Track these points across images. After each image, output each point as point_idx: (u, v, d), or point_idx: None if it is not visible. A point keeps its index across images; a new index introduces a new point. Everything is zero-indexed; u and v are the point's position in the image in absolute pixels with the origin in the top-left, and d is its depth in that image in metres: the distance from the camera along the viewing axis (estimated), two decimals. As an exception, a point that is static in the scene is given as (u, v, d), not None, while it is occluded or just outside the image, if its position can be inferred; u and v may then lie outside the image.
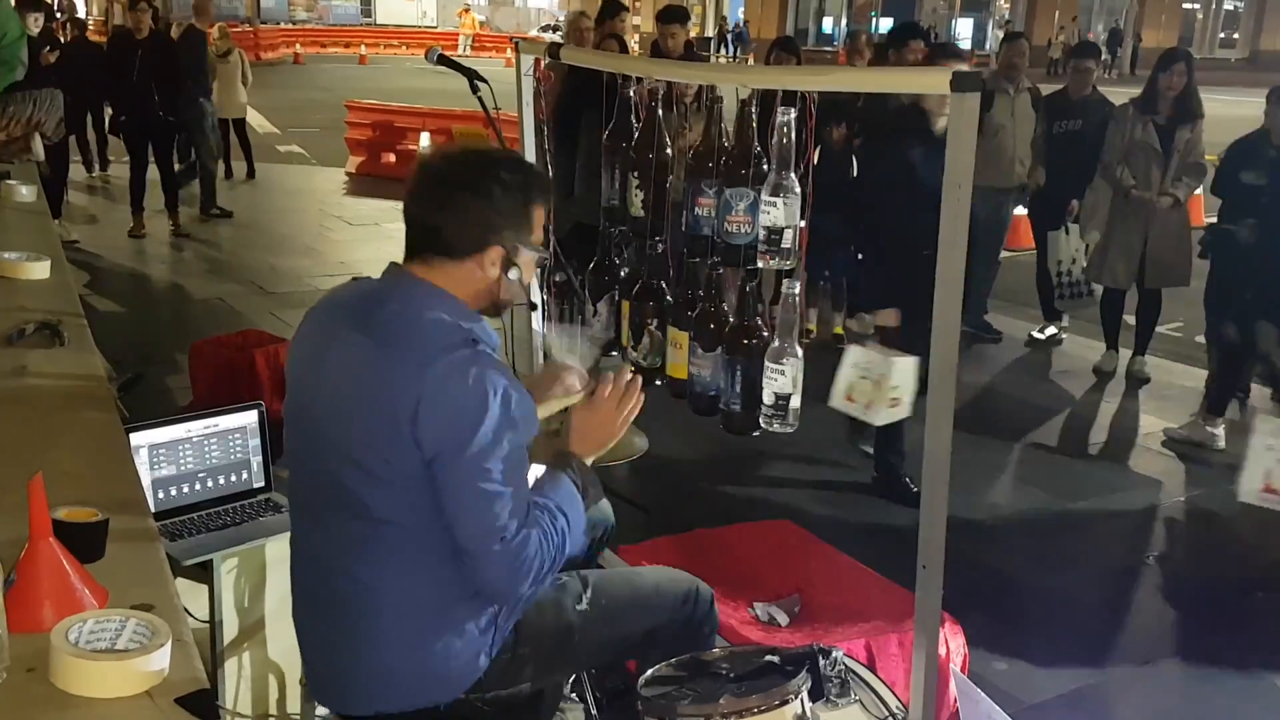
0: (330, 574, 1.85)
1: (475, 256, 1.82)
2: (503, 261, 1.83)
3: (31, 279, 3.09)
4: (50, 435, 2.12)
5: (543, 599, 1.96)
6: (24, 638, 1.40)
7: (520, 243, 1.85)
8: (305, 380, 1.87)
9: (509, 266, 1.84)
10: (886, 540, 3.84)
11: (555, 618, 1.96)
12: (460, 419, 1.69)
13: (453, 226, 1.81)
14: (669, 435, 4.02)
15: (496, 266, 1.83)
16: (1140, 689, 3.24)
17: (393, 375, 1.72)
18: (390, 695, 1.84)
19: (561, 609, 1.98)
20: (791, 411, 2.24)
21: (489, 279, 1.84)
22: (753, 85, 2.20)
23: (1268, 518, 4.39)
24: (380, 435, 1.72)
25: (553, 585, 1.98)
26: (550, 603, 1.97)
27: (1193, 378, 5.85)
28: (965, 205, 1.81)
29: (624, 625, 2.04)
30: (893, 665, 2.60)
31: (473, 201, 1.81)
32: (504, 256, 1.83)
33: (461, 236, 1.81)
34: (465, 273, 1.82)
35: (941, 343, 1.90)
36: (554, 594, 1.98)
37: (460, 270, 1.82)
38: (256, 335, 4.73)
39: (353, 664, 1.86)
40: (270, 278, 7.61)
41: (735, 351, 2.29)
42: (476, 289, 1.84)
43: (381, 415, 1.72)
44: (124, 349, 5.40)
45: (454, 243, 1.81)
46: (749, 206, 2.19)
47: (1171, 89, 5.50)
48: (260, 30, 31.62)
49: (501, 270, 1.84)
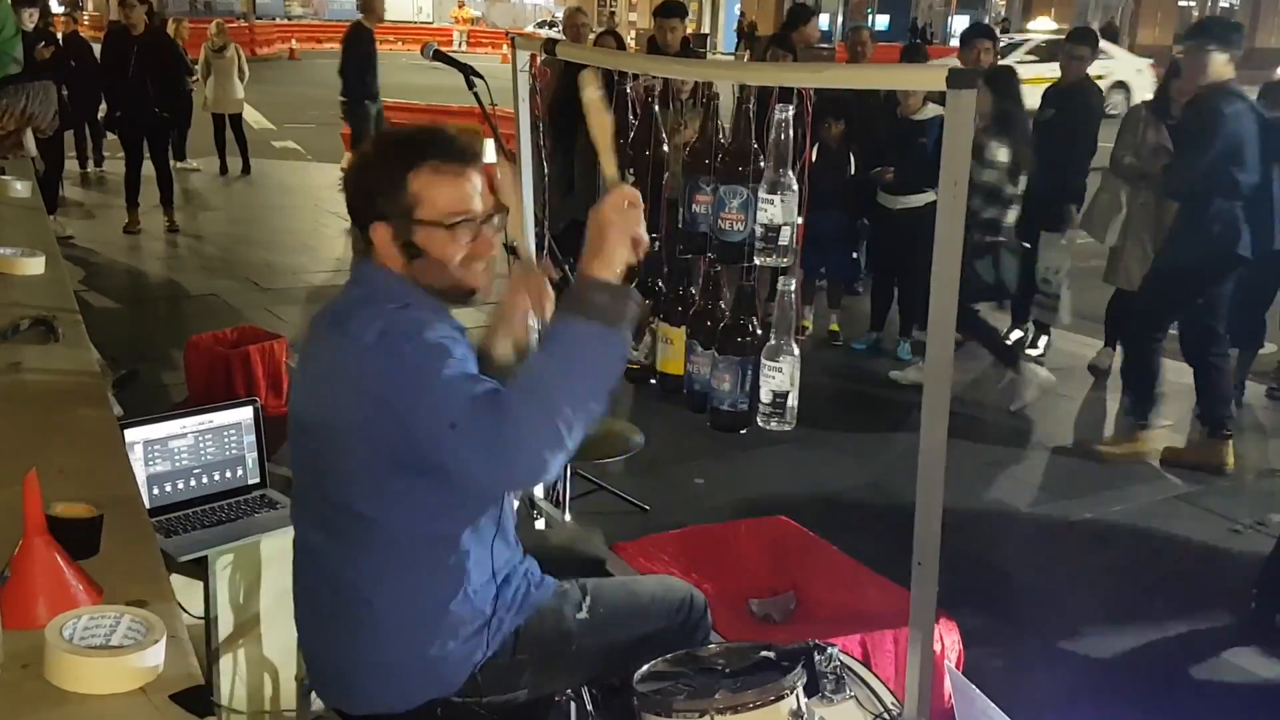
0: (326, 572, 1.86)
1: (372, 236, 1.78)
2: (393, 240, 1.76)
3: (26, 274, 3.08)
4: (45, 431, 2.12)
5: (545, 606, 1.96)
6: (18, 634, 1.39)
7: (403, 218, 1.74)
8: (298, 382, 1.91)
9: (404, 245, 1.75)
10: (882, 537, 3.83)
11: (555, 624, 1.96)
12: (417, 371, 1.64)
13: (352, 209, 1.80)
14: (665, 432, 4.02)
15: (393, 246, 1.76)
16: (1134, 687, 3.24)
17: (349, 362, 1.72)
18: (386, 693, 1.84)
19: (562, 616, 1.98)
20: (789, 409, 2.23)
21: (396, 260, 1.77)
22: (750, 82, 2.20)
23: (1263, 513, 4.41)
24: (365, 425, 1.71)
25: (555, 593, 1.99)
26: (551, 610, 1.97)
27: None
28: (961, 204, 1.80)
29: (621, 633, 2.04)
30: (888, 662, 2.60)
31: (356, 181, 1.79)
32: (390, 233, 1.76)
33: (356, 218, 1.79)
34: (379, 255, 1.79)
35: (937, 341, 1.90)
36: (555, 601, 1.98)
37: (376, 252, 1.79)
38: (252, 331, 4.72)
39: (349, 661, 1.86)
40: (266, 274, 7.60)
41: (733, 350, 2.28)
42: (406, 271, 1.78)
43: (357, 403, 1.70)
44: (119, 345, 5.40)
45: (358, 224, 1.79)
46: (743, 204, 2.19)
47: (1184, 93, 5.49)
48: (256, 26, 31.54)
49: (401, 251, 1.76)
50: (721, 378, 2.29)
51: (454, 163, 1.77)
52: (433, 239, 1.76)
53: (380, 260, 1.80)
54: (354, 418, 1.71)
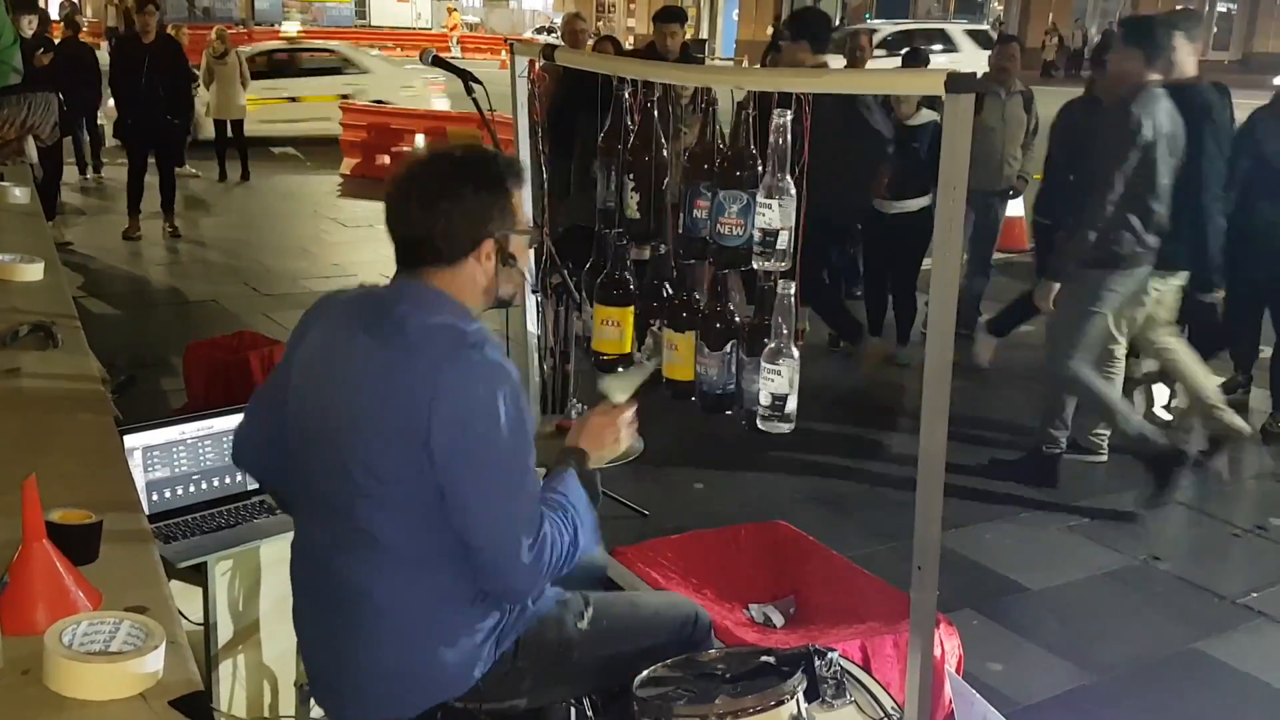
0: (328, 576, 1.86)
1: (471, 255, 1.83)
2: (497, 253, 1.85)
3: (25, 281, 3.08)
4: (44, 437, 2.12)
5: (546, 615, 1.96)
6: (18, 640, 1.39)
7: (509, 230, 1.87)
8: (311, 384, 1.87)
9: (505, 257, 1.87)
10: (882, 541, 3.84)
11: (557, 633, 1.97)
12: (473, 422, 1.71)
13: (440, 235, 1.82)
14: (665, 437, 4.01)
15: (492, 259, 1.85)
16: (1134, 690, 3.24)
17: (404, 379, 1.73)
18: (387, 701, 1.84)
19: (563, 626, 1.98)
20: (788, 412, 2.24)
21: (488, 273, 1.86)
22: (748, 87, 2.20)
23: (1260, 519, 4.41)
24: (391, 441, 1.73)
25: (556, 602, 1.99)
26: (553, 619, 1.97)
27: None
28: (960, 206, 1.81)
29: (622, 646, 2.04)
30: (888, 666, 2.60)
31: (455, 206, 1.81)
32: (497, 248, 1.85)
33: (452, 242, 1.82)
34: (465, 273, 1.84)
35: (936, 342, 1.90)
36: (557, 610, 1.99)
37: (461, 272, 1.84)
38: (251, 337, 4.71)
39: (349, 668, 1.86)
40: (265, 279, 7.60)
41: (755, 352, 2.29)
42: (477, 286, 1.86)
43: (394, 420, 1.73)
44: (118, 351, 5.39)
45: (446, 249, 1.82)
46: (742, 209, 2.19)
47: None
48: (255, 32, 31.54)
49: (497, 261, 1.86)
50: (752, 379, 2.29)
51: (520, 176, 1.94)
52: (520, 246, 1.93)
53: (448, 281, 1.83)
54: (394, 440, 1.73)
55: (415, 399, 1.71)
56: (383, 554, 1.79)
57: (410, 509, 1.76)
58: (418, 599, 1.80)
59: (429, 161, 1.89)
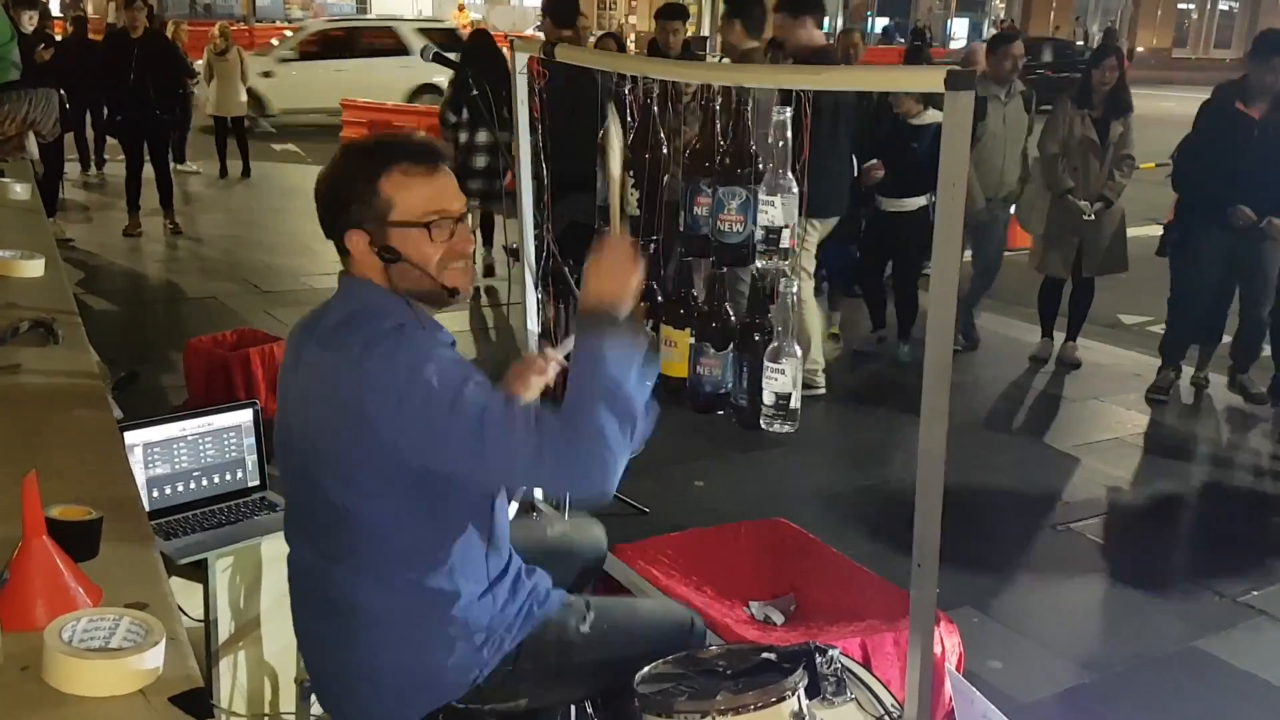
0: (321, 583, 1.86)
1: (347, 246, 1.80)
2: (369, 245, 1.77)
3: (25, 277, 3.08)
4: (44, 434, 2.12)
5: (549, 618, 1.97)
6: (17, 636, 1.39)
7: (378, 223, 1.76)
8: (283, 397, 1.91)
9: (382, 251, 1.77)
10: (882, 539, 3.84)
11: (558, 636, 1.97)
12: (409, 398, 1.66)
13: (323, 224, 1.82)
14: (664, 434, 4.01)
15: (370, 253, 1.78)
16: (1135, 689, 3.24)
17: (338, 379, 1.73)
18: (387, 707, 1.85)
19: (565, 628, 1.98)
20: (792, 411, 2.23)
21: (374, 266, 1.79)
22: (749, 85, 2.20)
23: (1261, 518, 4.41)
24: (350, 442, 1.73)
25: (560, 605, 2.00)
26: (555, 622, 1.98)
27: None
28: (960, 203, 1.80)
29: (621, 650, 2.04)
30: (888, 664, 2.60)
31: (326, 195, 1.80)
32: (366, 240, 1.77)
33: (329, 231, 1.82)
34: (357, 266, 1.81)
35: (936, 341, 1.90)
36: (560, 614, 1.99)
37: (354, 264, 1.82)
38: (251, 334, 4.72)
39: (346, 675, 1.87)
40: (265, 276, 7.60)
41: (746, 349, 2.28)
42: (384, 279, 1.80)
43: (344, 423, 1.72)
44: (118, 347, 5.40)
45: (332, 239, 1.82)
46: (742, 205, 2.19)
47: (1105, 84, 5.68)
48: (256, 29, 31.51)
49: (379, 255, 1.77)
50: (743, 378, 2.28)
51: (423, 164, 1.79)
52: (409, 240, 1.77)
53: (360, 271, 1.81)
54: (351, 440, 1.72)
55: (351, 398, 1.69)
56: (368, 564, 1.79)
57: (389, 513, 1.76)
58: (408, 606, 1.81)
59: (338, 151, 1.87)
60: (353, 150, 1.85)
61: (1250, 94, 5.18)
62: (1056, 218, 5.84)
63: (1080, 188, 5.71)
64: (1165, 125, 6.98)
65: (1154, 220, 6.41)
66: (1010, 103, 5.95)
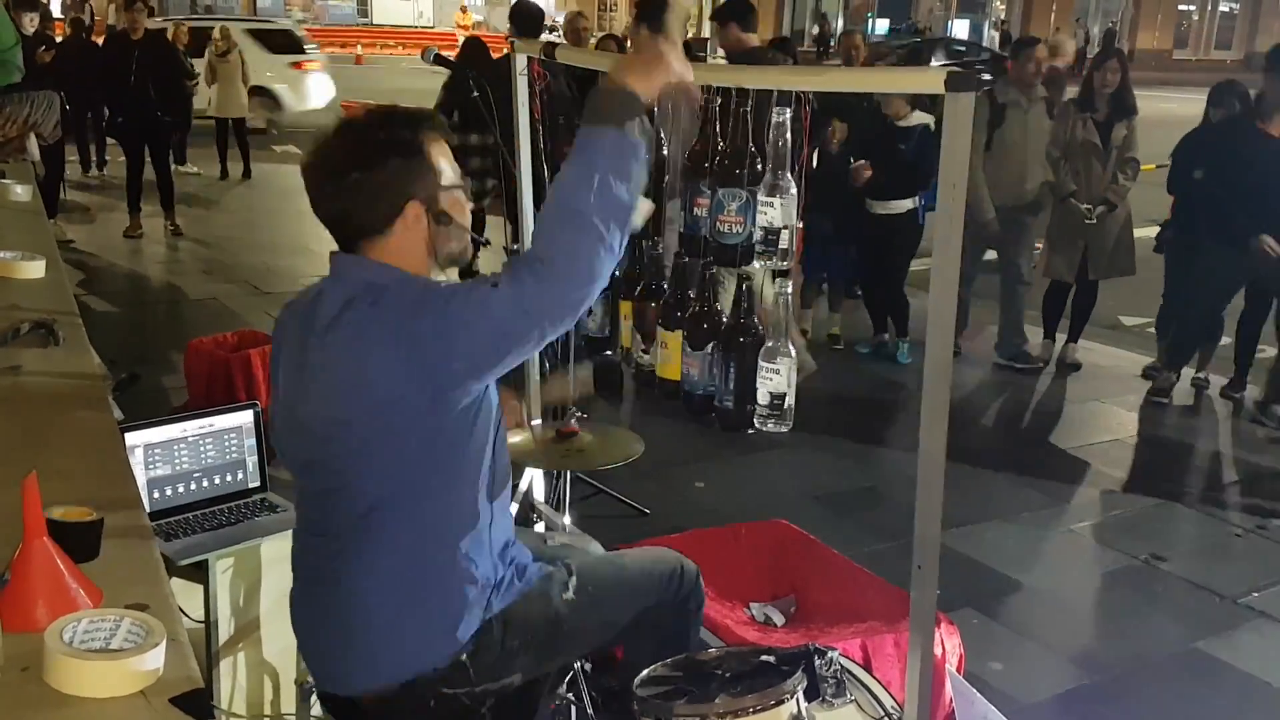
0: (316, 557, 1.88)
1: (398, 222, 1.78)
2: (426, 215, 1.79)
3: (26, 278, 3.08)
4: (45, 435, 2.12)
5: (529, 590, 1.95)
6: (18, 637, 1.39)
7: (434, 189, 1.80)
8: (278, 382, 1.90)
9: (436, 216, 1.80)
10: (882, 540, 3.84)
11: (543, 608, 1.95)
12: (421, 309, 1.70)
13: (361, 208, 1.78)
14: (665, 437, 4.02)
15: (422, 221, 1.79)
16: (1135, 690, 3.24)
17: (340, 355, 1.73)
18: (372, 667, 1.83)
19: (548, 599, 1.97)
20: (786, 411, 2.23)
21: (422, 236, 1.80)
22: (750, 85, 2.20)
23: (1261, 519, 4.41)
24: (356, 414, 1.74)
25: (539, 577, 1.98)
26: (537, 594, 1.96)
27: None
28: (960, 204, 1.80)
29: (612, 610, 2.04)
30: (888, 665, 2.60)
31: (368, 176, 1.77)
32: (424, 208, 1.79)
33: (373, 213, 1.78)
34: (398, 241, 1.79)
35: (937, 342, 1.90)
36: (541, 585, 1.97)
37: (393, 241, 1.79)
38: (252, 335, 4.71)
39: (333, 634, 1.86)
40: (266, 277, 7.60)
41: (728, 349, 2.28)
42: (418, 251, 1.81)
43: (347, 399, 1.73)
44: (119, 348, 5.40)
45: (370, 220, 1.79)
46: (741, 206, 2.19)
47: (1107, 86, 5.66)
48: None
49: (430, 221, 1.80)
50: (728, 379, 2.28)
51: (439, 129, 1.84)
52: (454, 203, 1.83)
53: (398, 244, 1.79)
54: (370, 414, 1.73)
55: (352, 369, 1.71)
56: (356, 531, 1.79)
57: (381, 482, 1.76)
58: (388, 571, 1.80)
59: (335, 134, 1.82)
60: (385, 123, 1.81)
61: (1268, 110, 5.11)
62: (1060, 221, 5.83)
63: (1083, 191, 5.69)
64: (1169, 126, 6.96)
65: (1154, 221, 6.40)
66: (1032, 109, 5.83)
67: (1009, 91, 5.80)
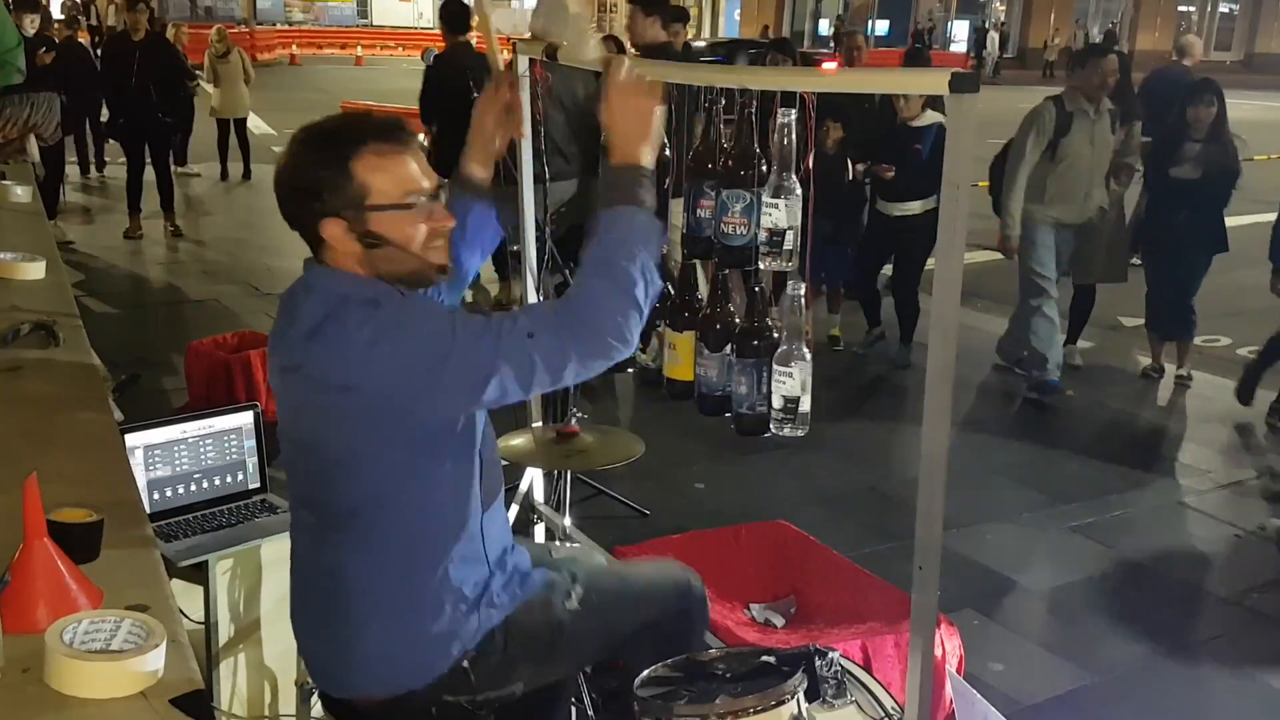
0: (311, 559, 1.87)
1: (323, 235, 1.71)
2: (349, 233, 1.70)
3: (26, 279, 3.08)
4: (45, 436, 2.12)
5: (533, 598, 1.94)
6: (19, 638, 1.39)
7: (354, 208, 1.69)
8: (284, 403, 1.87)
9: (363, 236, 1.70)
10: (882, 541, 3.84)
11: (545, 616, 1.94)
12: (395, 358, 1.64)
13: (288, 215, 1.76)
14: (666, 438, 4.02)
15: (350, 239, 1.71)
16: (1136, 690, 3.24)
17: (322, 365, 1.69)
18: (369, 680, 1.83)
19: (551, 607, 1.95)
20: (800, 415, 2.23)
21: (355, 254, 1.72)
22: (752, 86, 2.20)
23: (1261, 519, 4.41)
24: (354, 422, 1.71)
25: (543, 584, 1.97)
26: (539, 602, 1.95)
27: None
28: (963, 206, 1.80)
29: (616, 621, 2.02)
30: (889, 666, 2.60)
31: (289, 184, 1.73)
32: (344, 226, 1.70)
33: (298, 223, 1.75)
34: (338, 255, 1.74)
35: (939, 344, 1.90)
36: (543, 593, 1.96)
37: (335, 254, 1.75)
38: (252, 336, 4.72)
39: (334, 647, 1.86)
40: (266, 279, 7.60)
41: (746, 353, 2.28)
42: (362, 267, 1.74)
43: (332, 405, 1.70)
44: (119, 350, 5.40)
45: (300, 231, 1.76)
46: (746, 208, 2.19)
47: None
48: (256, 32, 31.55)
49: (359, 241, 1.70)
50: (739, 381, 2.28)
51: (392, 142, 1.73)
52: (393, 223, 1.71)
53: (336, 259, 1.75)
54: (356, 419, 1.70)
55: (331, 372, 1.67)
56: (353, 539, 1.79)
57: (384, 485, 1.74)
58: (396, 574, 1.79)
59: (293, 140, 1.78)
60: (315, 135, 1.75)
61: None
62: None
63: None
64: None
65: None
66: (1099, 121, 5.43)
67: (1077, 101, 5.41)
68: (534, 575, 1.98)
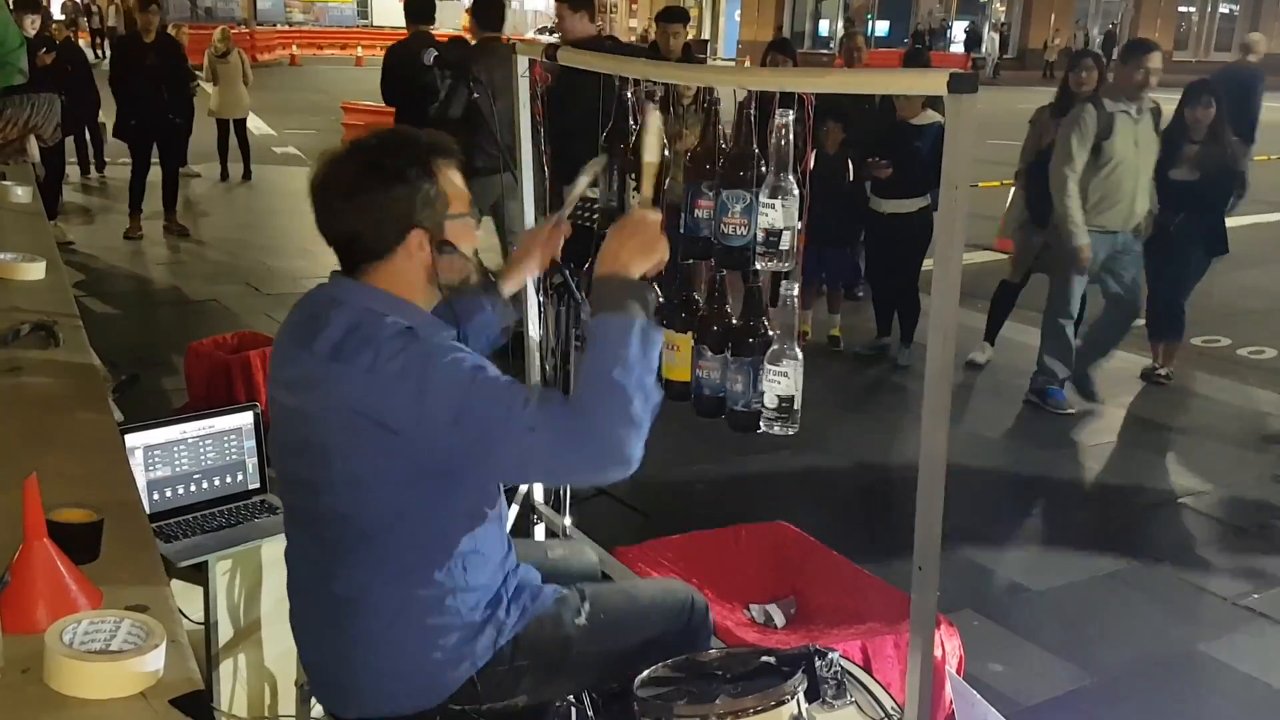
0: (317, 580, 1.86)
1: (399, 249, 1.78)
2: (429, 243, 1.78)
3: (27, 280, 3.08)
4: (45, 436, 2.12)
5: (543, 613, 1.96)
6: (18, 639, 1.39)
7: (439, 218, 1.79)
8: (274, 400, 1.88)
9: (438, 245, 1.79)
10: (882, 542, 3.84)
11: (554, 630, 1.96)
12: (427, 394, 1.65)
13: (367, 230, 1.77)
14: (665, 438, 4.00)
15: (425, 250, 1.78)
16: (1136, 691, 3.24)
17: (350, 391, 1.70)
18: (379, 698, 1.84)
19: (561, 623, 1.97)
20: (793, 413, 2.23)
21: (423, 264, 1.79)
22: (751, 87, 2.20)
23: (1261, 520, 4.41)
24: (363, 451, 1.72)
25: (554, 599, 1.99)
26: (549, 616, 1.96)
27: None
28: (962, 207, 1.80)
29: (622, 638, 2.03)
30: (888, 667, 2.60)
31: (373, 201, 1.76)
32: (428, 237, 1.78)
33: (378, 236, 1.77)
34: (399, 267, 1.79)
35: (937, 345, 1.90)
36: (554, 608, 1.98)
37: (394, 267, 1.79)
38: (252, 336, 4.72)
39: (342, 667, 1.87)
40: (266, 279, 7.60)
41: (742, 352, 2.29)
42: (417, 279, 1.80)
43: (358, 429, 1.70)
44: (119, 350, 5.40)
45: (374, 245, 1.78)
46: (745, 208, 2.19)
47: (1083, 88, 5.48)
48: (256, 32, 31.57)
49: (432, 251, 1.79)
50: (735, 379, 2.29)
51: (451, 156, 1.83)
52: (459, 232, 1.82)
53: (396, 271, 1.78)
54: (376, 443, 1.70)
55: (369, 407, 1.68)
56: (362, 559, 1.79)
57: (389, 511, 1.75)
58: (405, 599, 1.80)
59: (345, 156, 1.80)
60: (391, 148, 1.79)
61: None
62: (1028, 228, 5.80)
63: None
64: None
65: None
66: (1141, 121, 5.16)
67: (1119, 100, 5.13)
68: (545, 591, 1.99)
